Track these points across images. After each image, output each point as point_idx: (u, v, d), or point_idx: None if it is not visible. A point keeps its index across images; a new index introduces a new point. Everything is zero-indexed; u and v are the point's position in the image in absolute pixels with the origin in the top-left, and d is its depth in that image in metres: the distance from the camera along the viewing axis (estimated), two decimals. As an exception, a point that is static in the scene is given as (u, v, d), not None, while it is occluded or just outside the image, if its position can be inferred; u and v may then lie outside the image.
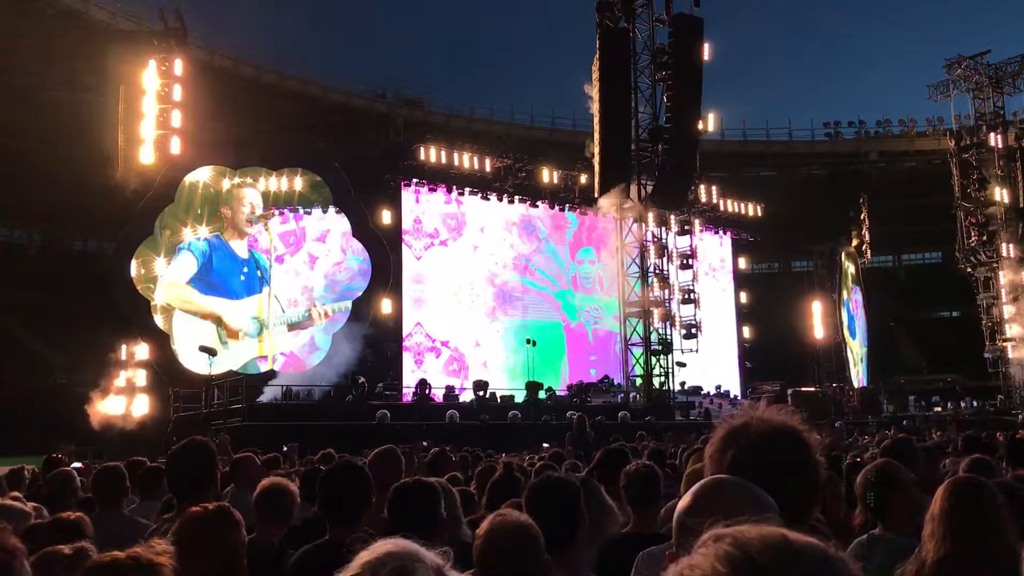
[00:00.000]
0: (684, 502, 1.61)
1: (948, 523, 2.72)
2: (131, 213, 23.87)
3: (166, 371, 22.69)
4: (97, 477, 4.75)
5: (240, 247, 25.14)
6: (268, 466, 6.57)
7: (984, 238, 36.30)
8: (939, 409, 32.11)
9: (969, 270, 37.28)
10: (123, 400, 21.14)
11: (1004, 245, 35.52)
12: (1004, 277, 35.98)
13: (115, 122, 23.94)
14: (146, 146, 23.35)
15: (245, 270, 25.05)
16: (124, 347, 22.19)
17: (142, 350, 22.51)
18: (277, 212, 25.32)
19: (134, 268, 23.71)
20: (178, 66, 23.92)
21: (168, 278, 23.88)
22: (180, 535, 2.83)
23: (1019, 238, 35.54)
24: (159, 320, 23.79)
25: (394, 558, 1.24)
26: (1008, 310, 35.92)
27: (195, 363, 22.84)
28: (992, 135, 36.13)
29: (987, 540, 2.68)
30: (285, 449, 9.35)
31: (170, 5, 25.34)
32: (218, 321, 24.09)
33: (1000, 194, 35.58)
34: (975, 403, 32.88)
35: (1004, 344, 36.04)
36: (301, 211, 25.80)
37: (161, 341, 23.51)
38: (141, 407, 21.36)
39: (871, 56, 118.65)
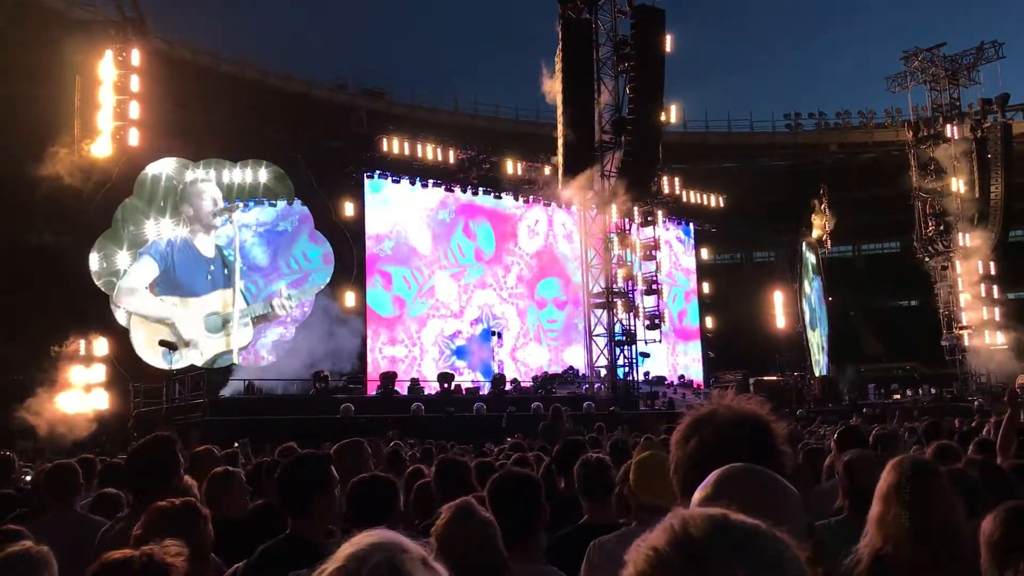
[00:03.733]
0: (702, 491, 1.56)
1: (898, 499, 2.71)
2: (88, 206, 23.50)
3: (127, 366, 22.38)
4: (49, 475, 4.65)
5: (206, 245, 24.86)
6: (227, 462, 6.47)
7: (941, 228, 36.88)
8: (898, 396, 32.62)
9: (927, 259, 37.87)
10: (81, 396, 20.80)
11: (960, 234, 36.12)
12: (960, 266, 36.60)
13: (71, 113, 23.51)
14: (103, 137, 22.95)
15: (211, 268, 24.79)
16: (83, 342, 21.83)
17: (101, 345, 22.16)
18: (241, 204, 25.06)
19: (95, 261, 23.38)
20: (135, 56, 23.52)
21: (127, 283, 23.57)
22: (145, 529, 2.80)
23: (974, 227, 36.12)
24: (120, 315, 23.47)
25: (380, 549, 1.22)
26: (964, 299, 36.55)
27: (156, 358, 22.59)
28: (949, 126, 36.69)
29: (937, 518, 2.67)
30: (236, 444, 9.20)
31: (127, -6, 24.89)
32: (172, 326, 23.87)
33: (956, 184, 36.15)
34: (932, 390, 33.45)
35: (961, 332, 36.69)
36: (266, 203, 25.59)
37: (121, 336, 23.19)
38: (100, 403, 21.03)
39: (831, 48, 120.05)
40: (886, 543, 2.66)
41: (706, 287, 37.12)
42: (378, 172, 27.56)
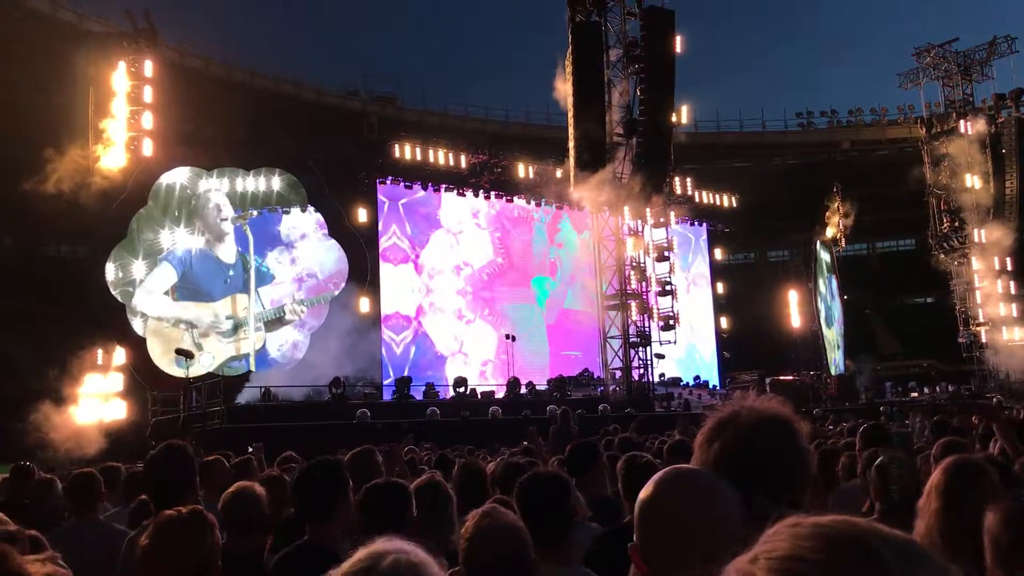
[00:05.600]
0: (645, 492, 1.61)
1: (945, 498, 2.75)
2: (103, 217, 23.64)
3: (144, 375, 22.49)
4: (71, 484, 4.67)
5: (226, 252, 25.03)
6: (240, 469, 6.48)
7: (956, 224, 36.65)
8: (915, 394, 32.40)
9: (942, 256, 37.62)
10: (99, 405, 20.91)
11: (975, 230, 35.88)
12: (976, 262, 36.35)
13: (85, 125, 23.67)
14: (117, 148, 23.09)
15: (231, 273, 24.95)
16: (100, 351, 21.95)
17: (119, 354, 22.27)
18: (255, 212, 25.19)
19: (111, 271, 23.53)
20: (148, 67, 23.67)
21: (145, 286, 23.73)
22: (151, 539, 2.80)
23: (990, 223, 35.85)
24: (137, 324, 23.60)
25: (398, 551, 1.29)
26: (981, 295, 36.30)
27: (172, 366, 22.68)
28: (962, 122, 36.46)
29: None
30: (250, 450, 9.18)
31: (138, 5, 25.08)
32: (189, 326, 24.03)
33: (971, 180, 35.92)
34: (950, 388, 33.22)
35: (978, 329, 36.43)
36: (280, 210, 25.70)
37: (138, 345, 23.30)
38: (118, 412, 21.13)
39: (842, 46, 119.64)
40: (920, 533, 2.70)
41: (720, 287, 37.03)
42: (390, 178, 27.64)
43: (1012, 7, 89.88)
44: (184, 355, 20.26)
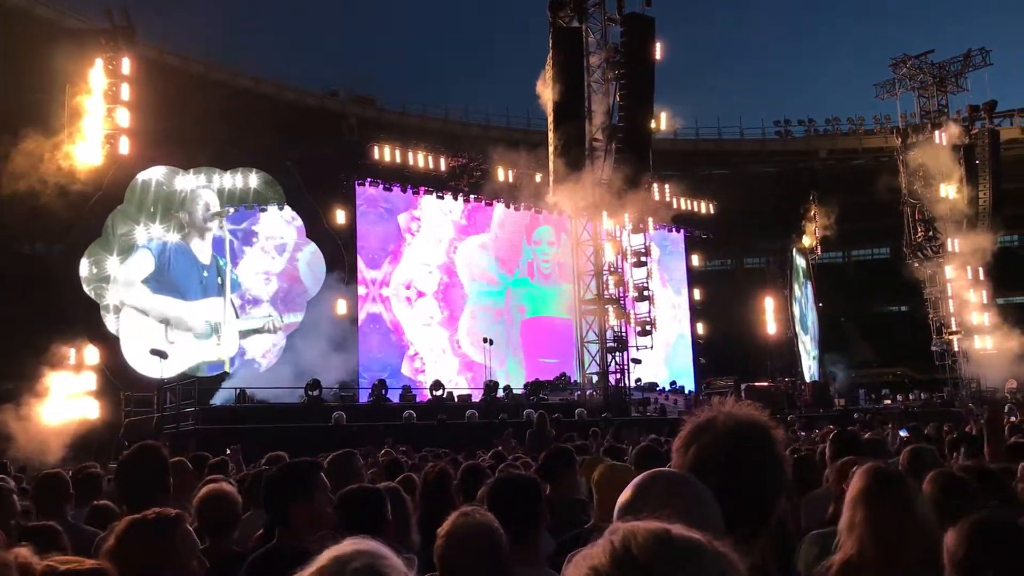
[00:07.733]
0: (624, 496, 1.63)
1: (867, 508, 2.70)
2: (78, 215, 23.41)
3: (117, 375, 22.27)
4: (38, 485, 4.62)
5: (202, 250, 24.88)
6: (215, 471, 6.45)
7: (930, 233, 37.01)
8: (888, 402, 32.69)
9: (916, 265, 37.97)
10: (71, 405, 20.66)
11: (949, 240, 36.26)
12: (950, 271, 36.72)
13: (62, 122, 23.42)
14: (94, 146, 22.86)
15: (205, 274, 24.79)
16: (73, 350, 21.70)
17: (91, 353, 22.03)
18: (232, 209, 25.05)
19: (85, 268, 23.31)
20: (126, 65, 23.45)
21: (122, 276, 23.55)
22: (117, 540, 2.77)
23: (963, 233, 36.23)
24: (110, 322, 23.37)
25: (362, 555, 1.26)
26: (954, 304, 36.67)
27: (146, 366, 22.49)
28: (937, 132, 36.84)
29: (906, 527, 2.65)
30: (228, 452, 9.18)
31: (116, 2, 24.85)
32: (165, 322, 23.86)
33: (945, 190, 36.30)
34: (923, 395, 33.55)
35: (951, 337, 36.80)
36: (256, 208, 25.56)
37: (112, 344, 23.08)
38: (91, 412, 20.90)
39: (820, 55, 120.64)
40: (854, 549, 2.65)
41: (697, 293, 37.19)
42: (369, 180, 27.55)
43: (987, 20, 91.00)
44: (159, 355, 20.12)
